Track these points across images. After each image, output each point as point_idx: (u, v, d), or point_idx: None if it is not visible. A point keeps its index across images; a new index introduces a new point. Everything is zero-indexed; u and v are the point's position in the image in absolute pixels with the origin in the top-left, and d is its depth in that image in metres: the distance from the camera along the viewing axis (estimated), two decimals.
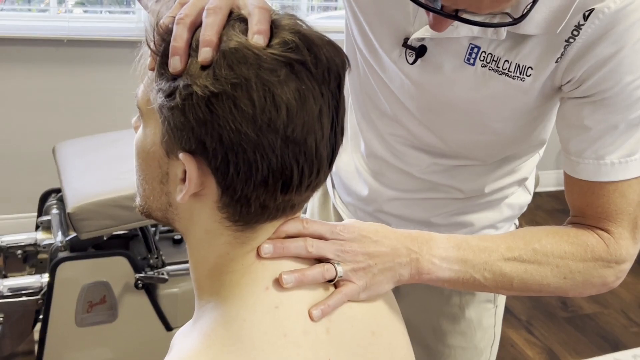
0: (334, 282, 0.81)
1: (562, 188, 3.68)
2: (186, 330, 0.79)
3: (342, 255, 0.82)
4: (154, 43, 0.73)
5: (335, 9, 3.72)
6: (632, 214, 0.97)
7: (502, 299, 1.33)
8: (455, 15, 0.81)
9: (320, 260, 0.81)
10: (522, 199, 1.28)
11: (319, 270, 0.79)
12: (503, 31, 0.94)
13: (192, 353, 0.71)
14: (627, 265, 0.99)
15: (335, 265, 0.81)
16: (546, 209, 3.72)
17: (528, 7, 0.84)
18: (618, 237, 0.97)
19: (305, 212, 1.51)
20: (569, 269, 0.96)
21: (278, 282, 0.76)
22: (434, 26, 0.87)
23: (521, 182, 1.25)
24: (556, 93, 1.00)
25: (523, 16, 0.84)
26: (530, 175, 1.27)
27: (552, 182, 4.04)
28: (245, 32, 0.69)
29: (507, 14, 0.86)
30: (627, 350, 2.79)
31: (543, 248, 0.95)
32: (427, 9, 0.82)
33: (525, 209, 1.31)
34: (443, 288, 1.23)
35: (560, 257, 0.96)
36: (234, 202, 0.71)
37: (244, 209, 0.71)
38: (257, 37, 0.68)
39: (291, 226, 0.78)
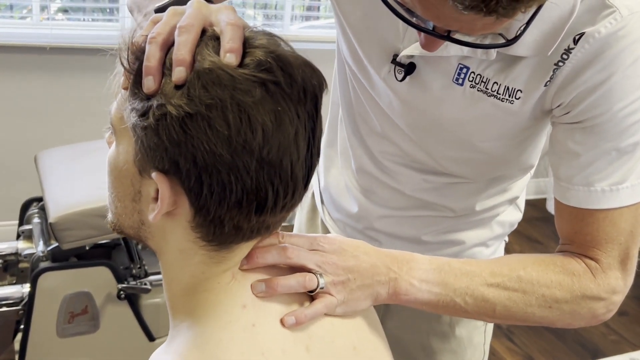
0: (312, 296, 0.79)
1: (541, 197, 3.69)
2: (161, 352, 0.76)
3: (323, 266, 0.79)
4: (128, 61, 0.71)
5: (318, 18, 3.70)
6: (623, 244, 0.94)
7: None
8: (447, 36, 0.79)
9: (299, 271, 0.79)
10: (512, 216, 1.27)
11: (298, 280, 0.77)
12: (493, 52, 0.92)
13: None
14: (619, 297, 0.96)
15: (318, 275, 0.78)
16: (525, 218, 3.71)
17: (522, 28, 0.81)
18: (606, 267, 0.94)
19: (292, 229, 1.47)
20: (555, 299, 0.93)
21: (256, 300, 0.74)
22: (426, 46, 0.84)
23: (512, 201, 1.24)
24: (546, 116, 0.98)
25: (517, 37, 0.82)
26: (521, 194, 1.25)
27: (531, 190, 4.03)
28: (219, 51, 0.67)
29: (500, 34, 0.84)
30: (605, 359, 2.79)
31: (528, 275, 0.92)
32: (419, 29, 0.80)
33: (515, 226, 1.30)
34: None
35: (546, 286, 0.92)
36: (207, 222, 0.69)
37: (218, 229, 0.70)
38: (229, 55, 0.66)
39: (266, 241, 0.76)
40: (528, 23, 0.80)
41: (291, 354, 0.74)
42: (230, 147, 0.65)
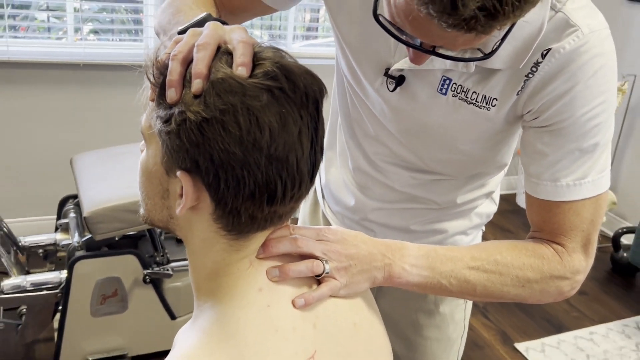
0: (319, 279, 0.79)
1: (512, 192, 3.68)
2: (186, 328, 0.77)
3: (328, 254, 0.80)
4: (153, 76, 0.72)
5: (316, 37, 3.70)
6: (586, 231, 0.95)
7: None
8: (432, 51, 0.79)
9: (308, 259, 0.79)
10: (489, 208, 1.27)
11: (307, 265, 0.77)
12: (472, 65, 0.93)
13: (192, 348, 0.69)
14: (581, 277, 0.97)
15: (324, 262, 0.79)
16: (498, 210, 3.72)
17: (497, 44, 0.82)
18: (571, 250, 0.95)
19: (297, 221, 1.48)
20: (527, 279, 0.93)
21: (270, 284, 0.74)
22: (414, 60, 0.85)
23: (488, 195, 1.24)
24: (518, 121, 0.99)
25: (493, 52, 0.83)
26: (496, 189, 1.25)
27: (503, 186, 4.02)
28: (231, 64, 0.68)
29: (479, 49, 0.84)
30: (568, 332, 2.80)
31: (504, 259, 0.93)
32: (408, 45, 0.81)
33: (491, 217, 1.29)
34: None
35: (520, 268, 0.93)
36: (226, 214, 0.70)
37: (235, 219, 0.70)
38: (240, 69, 0.67)
39: (279, 232, 0.76)
40: (503, 39, 0.81)
41: (300, 330, 0.74)
42: (242, 145, 0.65)
